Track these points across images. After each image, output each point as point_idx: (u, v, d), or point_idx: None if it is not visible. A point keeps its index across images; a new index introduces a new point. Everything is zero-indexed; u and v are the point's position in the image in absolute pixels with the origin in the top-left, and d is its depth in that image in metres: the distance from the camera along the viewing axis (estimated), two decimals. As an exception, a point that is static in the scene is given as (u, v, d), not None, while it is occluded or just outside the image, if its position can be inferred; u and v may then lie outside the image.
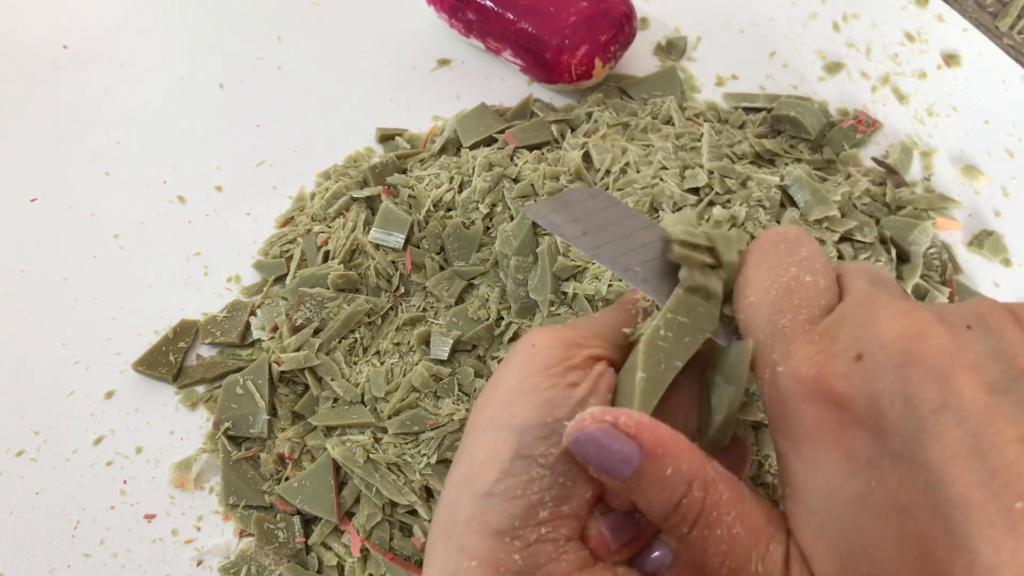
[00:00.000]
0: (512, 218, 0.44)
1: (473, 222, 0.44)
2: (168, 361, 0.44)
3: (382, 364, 0.42)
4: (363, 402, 0.41)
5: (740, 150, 0.48)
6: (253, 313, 0.46)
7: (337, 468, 0.39)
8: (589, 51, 0.51)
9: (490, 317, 0.42)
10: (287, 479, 0.40)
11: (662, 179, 0.44)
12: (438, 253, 0.45)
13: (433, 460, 0.38)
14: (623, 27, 0.52)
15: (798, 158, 0.50)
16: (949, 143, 0.53)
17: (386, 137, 0.53)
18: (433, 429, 0.39)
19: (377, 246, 0.44)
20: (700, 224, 0.26)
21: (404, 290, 0.44)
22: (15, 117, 0.54)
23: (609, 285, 0.39)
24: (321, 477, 0.39)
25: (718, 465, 0.22)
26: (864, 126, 0.52)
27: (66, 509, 0.41)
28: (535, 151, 0.48)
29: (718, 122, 0.52)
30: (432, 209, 0.45)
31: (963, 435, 0.18)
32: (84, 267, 0.48)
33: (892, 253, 0.45)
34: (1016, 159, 0.52)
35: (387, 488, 0.38)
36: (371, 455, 0.39)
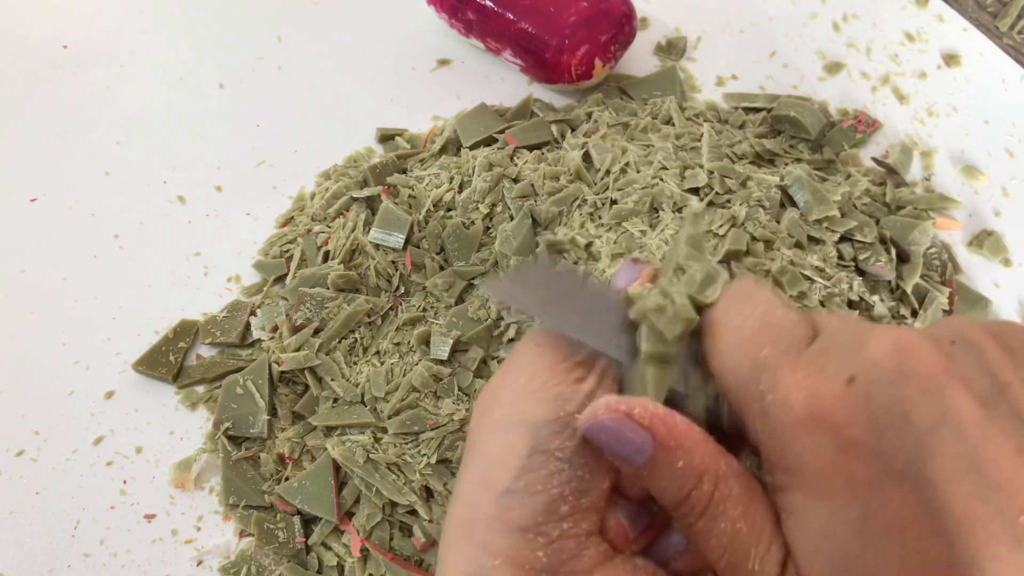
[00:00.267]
0: (512, 218, 0.44)
1: (473, 222, 0.44)
2: (168, 361, 0.44)
3: (382, 364, 0.42)
4: (363, 402, 0.41)
5: (740, 150, 0.48)
6: (253, 313, 0.46)
7: (337, 468, 0.39)
8: (589, 51, 0.51)
9: (490, 317, 0.42)
10: (287, 479, 0.40)
11: (662, 179, 0.44)
12: (438, 253, 0.45)
13: (433, 460, 0.38)
14: (623, 27, 0.52)
15: (798, 158, 0.50)
16: (949, 143, 0.53)
17: (386, 137, 0.53)
18: (433, 429, 0.39)
19: (377, 246, 0.44)
20: (706, 256, 0.26)
21: (404, 290, 0.44)
22: (15, 117, 0.54)
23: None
24: (321, 477, 0.39)
25: (733, 460, 0.22)
26: (864, 126, 0.52)
27: (66, 509, 0.41)
28: (535, 151, 0.48)
29: (718, 122, 0.52)
30: (432, 209, 0.45)
31: (962, 451, 0.18)
32: (84, 267, 0.48)
33: (892, 253, 0.45)
34: (1016, 159, 0.52)
35: (387, 488, 0.38)
36: (371, 455, 0.39)
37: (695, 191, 0.44)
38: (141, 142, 0.53)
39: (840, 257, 0.44)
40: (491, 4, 0.52)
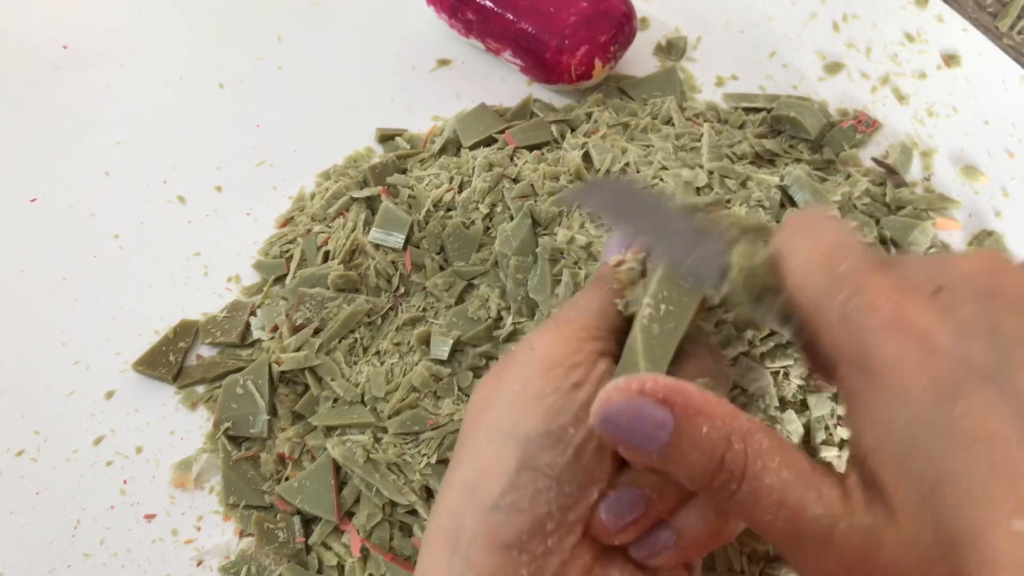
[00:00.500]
0: (512, 218, 0.44)
1: (473, 222, 0.44)
2: (168, 361, 0.44)
3: (382, 364, 0.42)
4: (363, 402, 0.41)
5: (740, 150, 0.48)
6: (253, 313, 0.46)
7: (337, 468, 0.39)
8: (589, 51, 0.51)
9: (490, 317, 0.42)
10: (287, 479, 0.40)
11: (662, 179, 0.44)
12: (438, 253, 0.45)
13: (433, 460, 0.38)
14: (623, 27, 0.52)
15: (798, 158, 0.50)
16: (949, 143, 0.53)
17: (386, 137, 0.53)
18: (433, 429, 0.39)
19: (377, 246, 0.45)
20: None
21: (404, 290, 0.44)
22: (15, 117, 0.54)
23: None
24: (321, 477, 0.39)
25: (751, 416, 0.22)
26: (864, 126, 0.52)
27: (66, 509, 0.41)
28: (535, 151, 0.48)
29: (718, 122, 0.52)
30: (432, 209, 0.45)
31: None
32: (84, 267, 0.48)
33: (892, 253, 0.45)
34: (1016, 159, 0.52)
35: (387, 488, 0.38)
36: (371, 455, 0.39)
37: (695, 191, 0.43)
38: (141, 142, 0.53)
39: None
40: (491, 4, 0.52)
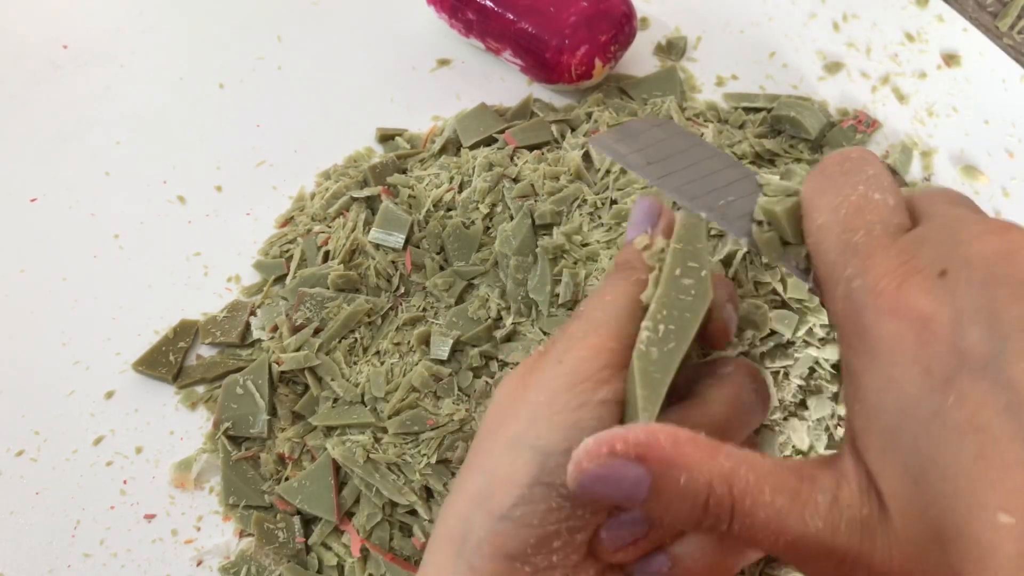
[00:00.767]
0: (512, 218, 0.44)
1: (473, 222, 0.44)
2: (168, 361, 0.44)
3: (382, 364, 0.42)
4: (363, 402, 0.41)
5: (740, 150, 0.48)
6: (253, 313, 0.46)
7: (337, 468, 0.39)
8: (589, 51, 0.51)
9: (490, 317, 0.42)
10: (287, 479, 0.40)
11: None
12: (438, 253, 0.45)
13: (433, 460, 0.38)
14: (623, 27, 0.52)
15: (798, 158, 0.50)
16: (949, 143, 0.53)
17: (386, 137, 0.53)
18: (433, 429, 0.39)
19: (377, 246, 0.45)
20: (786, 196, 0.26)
21: (404, 290, 0.44)
22: (15, 117, 0.54)
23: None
24: (321, 477, 0.39)
25: (732, 449, 0.21)
26: (864, 126, 0.52)
27: (66, 509, 0.41)
28: (535, 151, 0.48)
29: (718, 122, 0.52)
30: (432, 209, 0.45)
31: None
32: (84, 267, 0.48)
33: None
34: (1016, 159, 0.52)
35: (387, 488, 0.38)
36: (371, 455, 0.39)
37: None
38: (141, 142, 0.53)
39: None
40: (491, 4, 0.52)
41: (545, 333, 0.41)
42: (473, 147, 0.49)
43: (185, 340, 0.45)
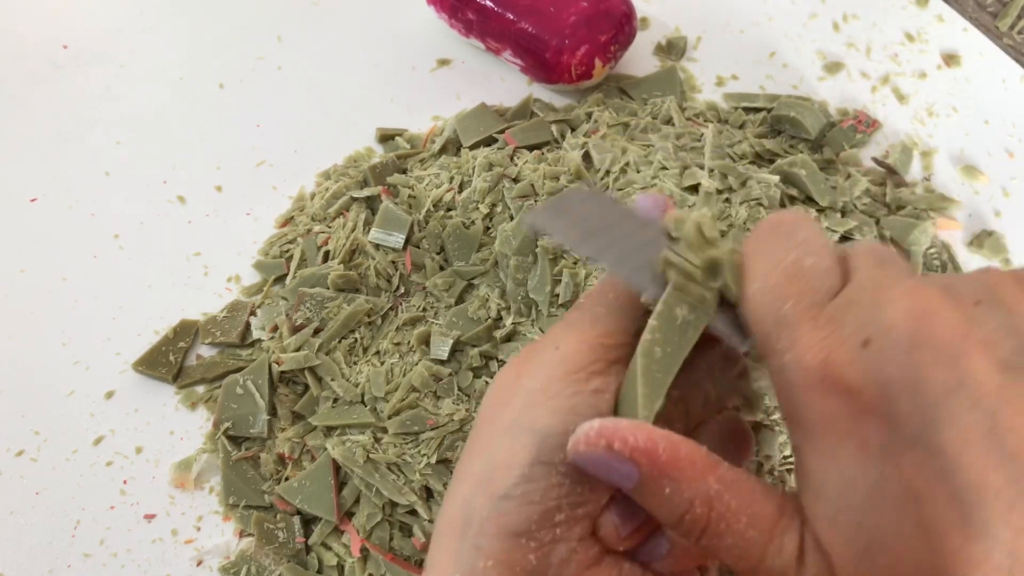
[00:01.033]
0: (512, 218, 0.44)
1: (473, 222, 0.44)
2: (168, 361, 0.44)
3: (382, 364, 0.42)
4: (363, 402, 0.41)
5: (740, 150, 0.48)
6: (253, 313, 0.46)
7: (337, 468, 0.39)
8: (589, 51, 0.51)
9: (490, 317, 0.42)
10: (287, 479, 0.40)
11: (662, 179, 0.44)
12: (438, 253, 0.45)
13: (433, 460, 0.38)
14: (623, 27, 0.52)
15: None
16: (949, 143, 0.53)
17: (386, 137, 0.53)
18: (433, 429, 0.39)
19: (377, 246, 0.45)
20: (715, 228, 0.25)
21: (404, 290, 0.44)
22: (15, 117, 0.54)
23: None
24: (321, 477, 0.39)
25: (725, 472, 0.22)
26: (864, 126, 0.52)
27: (66, 509, 0.41)
28: (535, 151, 0.48)
29: (718, 122, 0.52)
30: (432, 209, 0.45)
31: (978, 418, 0.17)
32: (84, 267, 0.48)
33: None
34: (1016, 159, 0.52)
35: (387, 488, 0.38)
36: (371, 455, 0.39)
37: (694, 190, 0.44)
38: (141, 142, 0.53)
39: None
40: (491, 4, 0.52)
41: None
42: (473, 147, 0.49)
43: (185, 340, 0.45)
